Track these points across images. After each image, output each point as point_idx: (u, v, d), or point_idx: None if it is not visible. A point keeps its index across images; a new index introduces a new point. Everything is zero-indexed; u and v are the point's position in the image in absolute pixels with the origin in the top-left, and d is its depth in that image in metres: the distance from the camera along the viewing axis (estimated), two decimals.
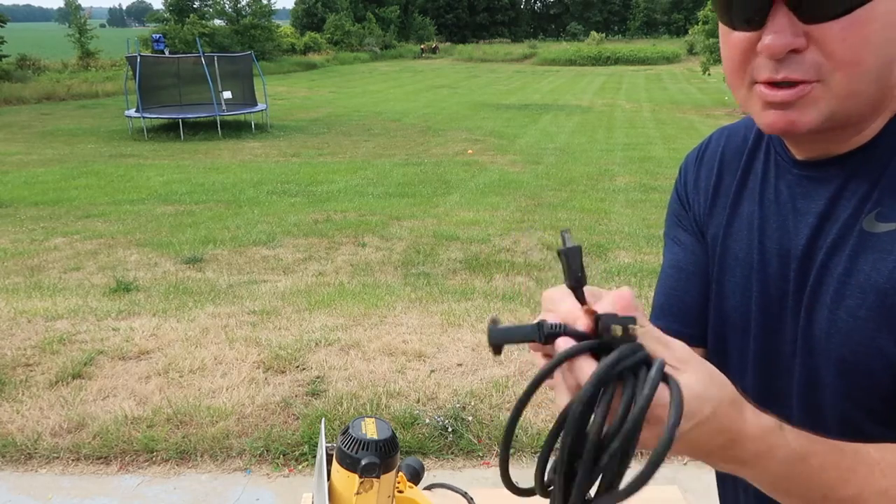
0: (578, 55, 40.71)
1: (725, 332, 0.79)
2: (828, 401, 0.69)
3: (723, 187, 0.81)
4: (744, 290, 0.76)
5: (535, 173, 9.54)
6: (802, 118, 0.62)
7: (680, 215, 0.87)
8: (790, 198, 0.72)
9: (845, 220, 0.67)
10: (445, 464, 2.73)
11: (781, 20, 0.59)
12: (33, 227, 6.70)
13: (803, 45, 0.59)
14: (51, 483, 2.65)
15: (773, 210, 0.74)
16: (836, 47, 0.58)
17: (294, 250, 5.80)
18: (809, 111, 0.61)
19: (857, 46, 0.58)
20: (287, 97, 20.92)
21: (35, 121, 16.49)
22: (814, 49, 0.59)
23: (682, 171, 0.88)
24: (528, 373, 3.35)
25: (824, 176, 0.69)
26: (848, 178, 0.67)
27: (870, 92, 0.61)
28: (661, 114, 17.19)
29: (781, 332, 0.73)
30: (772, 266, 0.73)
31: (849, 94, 0.61)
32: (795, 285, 0.71)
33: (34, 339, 3.79)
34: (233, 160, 11.06)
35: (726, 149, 0.82)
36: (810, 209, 0.70)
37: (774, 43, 0.59)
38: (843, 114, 0.62)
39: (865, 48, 0.58)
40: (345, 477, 0.84)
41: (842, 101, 0.61)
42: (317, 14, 50.04)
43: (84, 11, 35.11)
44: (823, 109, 0.61)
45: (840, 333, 0.65)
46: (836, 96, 0.61)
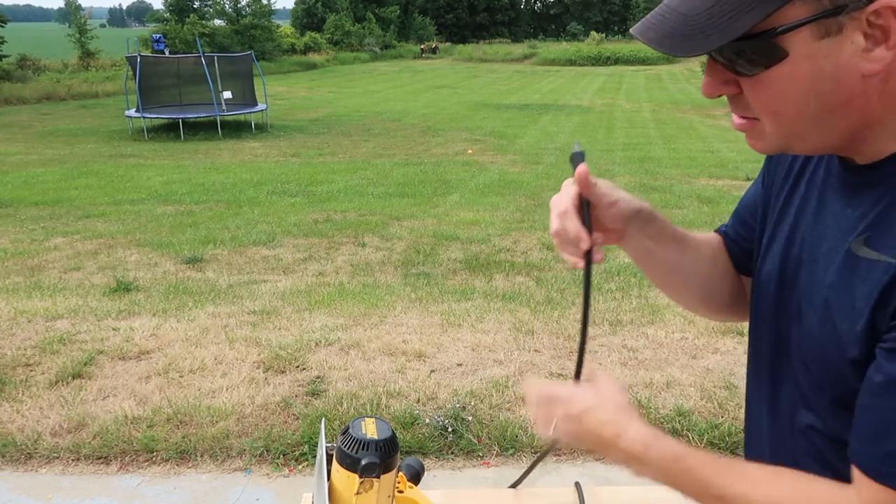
0: (578, 55, 40.68)
1: (761, 303, 0.86)
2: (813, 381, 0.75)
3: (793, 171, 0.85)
4: (769, 278, 0.83)
5: (535, 173, 9.54)
6: (756, 144, 0.71)
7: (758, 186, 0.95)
8: (821, 194, 0.78)
9: (844, 232, 0.71)
10: (445, 464, 2.73)
11: (713, 68, 0.68)
12: (33, 227, 6.70)
13: (733, 91, 0.68)
14: (51, 483, 2.65)
15: (808, 202, 0.79)
16: (753, 99, 0.66)
17: (294, 250, 5.80)
18: (759, 142, 0.70)
19: (769, 100, 0.65)
20: (287, 97, 20.92)
21: (35, 121, 16.48)
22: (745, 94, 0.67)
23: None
24: (527, 373, 3.35)
25: (848, 180, 0.73)
26: (857, 189, 0.70)
27: (814, 132, 0.66)
28: (661, 114, 17.19)
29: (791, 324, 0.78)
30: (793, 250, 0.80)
31: (787, 134, 0.67)
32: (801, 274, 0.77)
33: (34, 338, 3.79)
34: (233, 160, 11.06)
35: None
36: (827, 209, 0.75)
37: (705, 85, 0.69)
38: (799, 147, 0.69)
39: (779, 102, 0.64)
40: (345, 477, 0.85)
41: (784, 139, 0.68)
42: (317, 14, 50.02)
43: (84, 11, 35.10)
44: (770, 142, 0.69)
45: (812, 337, 0.72)
46: (775, 134, 0.68)
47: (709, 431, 2.84)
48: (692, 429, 2.86)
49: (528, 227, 6.51)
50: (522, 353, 3.54)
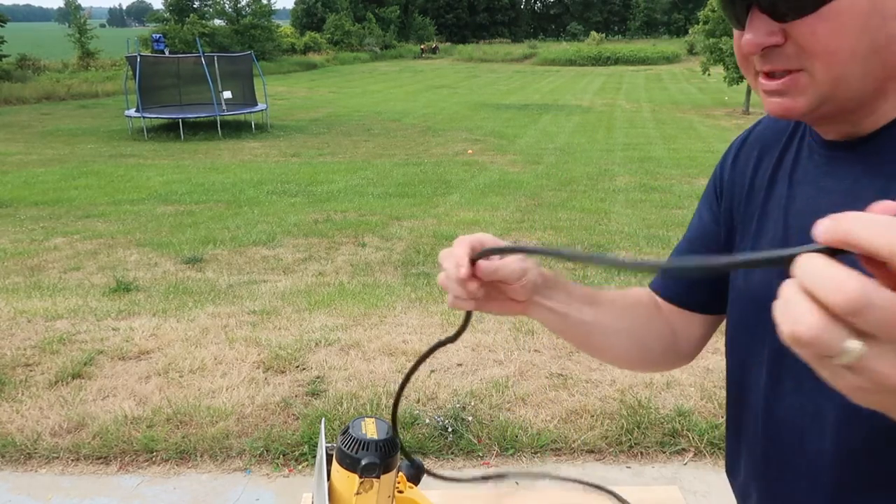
0: (578, 55, 40.71)
1: (749, 306, 0.83)
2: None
3: (761, 170, 0.85)
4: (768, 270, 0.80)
5: (535, 173, 9.54)
6: (795, 104, 0.67)
7: (711, 194, 0.93)
8: (816, 177, 0.76)
9: (869, 199, 0.68)
10: (445, 464, 2.73)
11: (756, 21, 0.65)
12: (33, 227, 6.70)
13: (780, 41, 0.65)
14: (51, 483, 2.65)
15: (801, 189, 0.77)
16: (808, 40, 0.63)
17: (294, 250, 5.80)
18: (799, 98, 0.67)
19: (829, 38, 0.63)
20: (287, 97, 20.92)
21: (35, 121, 16.48)
22: (792, 42, 0.65)
23: (725, 155, 0.93)
24: (527, 373, 3.35)
25: (849, 155, 0.72)
26: (871, 157, 0.70)
27: (859, 77, 0.65)
28: (661, 114, 17.19)
29: None
30: (793, 242, 0.76)
31: (833, 80, 0.65)
32: None
33: (34, 338, 3.79)
34: (233, 160, 11.06)
35: (770, 133, 0.87)
36: (836, 188, 0.72)
37: (749, 41, 0.66)
38: (838, 98, 0.66)
39: (839, 38, 0.63)
40: (345, 477, 0.84)
41: (829, 87, 0.65)
42: (317, 14, 50.03)
43: (84, 11, 35.11)
44: (812, 96, 0.66)
45: None
46: (821, 83, 0.65)
47: (709, 431, 2.84)
48: (692, 429, 2.86)
49: (528, 227, 6.51)
50: (522, 353, 3.54)
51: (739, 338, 0.85)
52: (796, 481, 0.78)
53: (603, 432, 2.85)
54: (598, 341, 0.90)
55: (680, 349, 0.94)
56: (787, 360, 0.78)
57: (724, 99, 20.43)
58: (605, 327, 0.89)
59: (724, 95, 20.65)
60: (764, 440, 0.82)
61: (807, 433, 0.76)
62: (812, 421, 0.75)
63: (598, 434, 2.84)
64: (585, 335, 0.89)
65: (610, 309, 0.89)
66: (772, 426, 0.81)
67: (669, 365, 0.96)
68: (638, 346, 0.91)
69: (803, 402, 0.76)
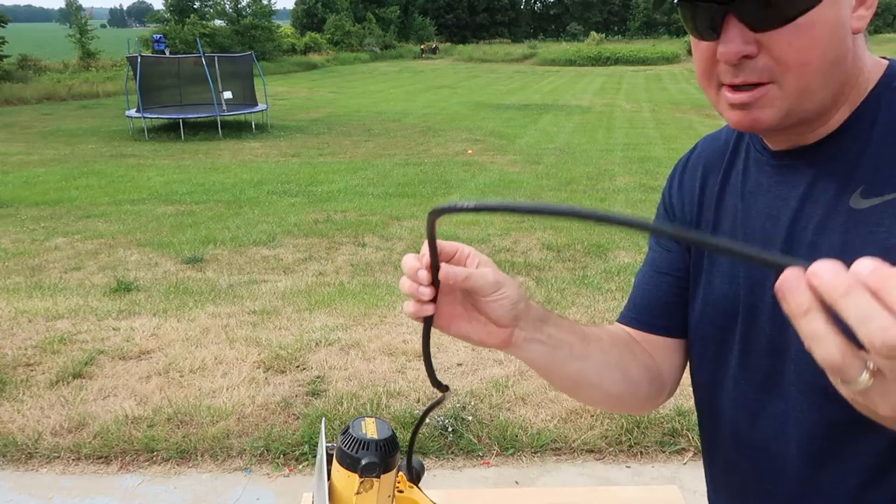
0: (578, 55, 40.68)
1: (716, 319, 0.83)
2: (800, 374, 0.73)
3: (708, 188, 0.86)
4: (731, 278, 0.81)
5: (535, 173, 9.54)
6: (762, 116, 0.68)
7: (664, 219, 0.94)
8: (770, 186, 0.77)
9: (827, 200, 0.71)
10: (445, 464, 2.73)
11: (733, 31, 0.65)
12: (34, 227, 6.71)
13: (754, 52, 0.65)
14: (51, 482, 2.65)
15: (755, 200, 0.79)
16: (783, 51, 0.65)
17: (294, 250, 5.80)
18: (767, 110, 0.68)
19: (803, 49, 0.64)
20: (287, 97, 20.92)
21: (36, 121, 16.49)
22: (765, 54, 0.65)
23: (670, 178, 0.96)
24: (527, 373, 3.35)
25: (800, 163, 0.74)
26: (824, 163, 0.72)
27: (822, 88, 0.67)
28: (660, 114, 17.20)
29: (763, 313, 0.77)
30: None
31: (802, 93, 0.66)
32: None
33: (35, 338, 3.80)
34: (233, 160, 11.06)
35: (710, 152, 0.88)
36: (791, 194, 0.74)
37: (727, 51, 0.66)
38: (802, 109, 0.68)
39: (812, 50, 0.64)
40: (345, 477, 0.85)
41: (796, 99, 0.67)
42: (317, 14, 50.04)
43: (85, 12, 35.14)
44: (780, 108, 0.67)
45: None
46: (790, 95, 0.67)
47: None
48: (692, 428, 2.86)
49: (528, 227, 6.51)
50: None
51: (706, 353, 0.85)
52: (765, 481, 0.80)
53: (603, 432, 2.85)
54: (591, 379, 0.83)
55: (664, 379, 0.91)
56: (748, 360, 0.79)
57: None
58: (597, 363, 0.83)
59: None
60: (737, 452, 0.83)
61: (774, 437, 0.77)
62: (779, 423, 0.77)
63: (597, 434, 2.85)
64: (578, 373, 0.82)
65: (597, 344, 0.84)
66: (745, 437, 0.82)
67: (655, 398, 0.91)
68: (627, 381, 0.86)
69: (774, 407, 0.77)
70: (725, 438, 0.85)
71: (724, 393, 0.83)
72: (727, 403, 0.83)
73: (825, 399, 0.70)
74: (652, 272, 0.93)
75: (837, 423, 0.71)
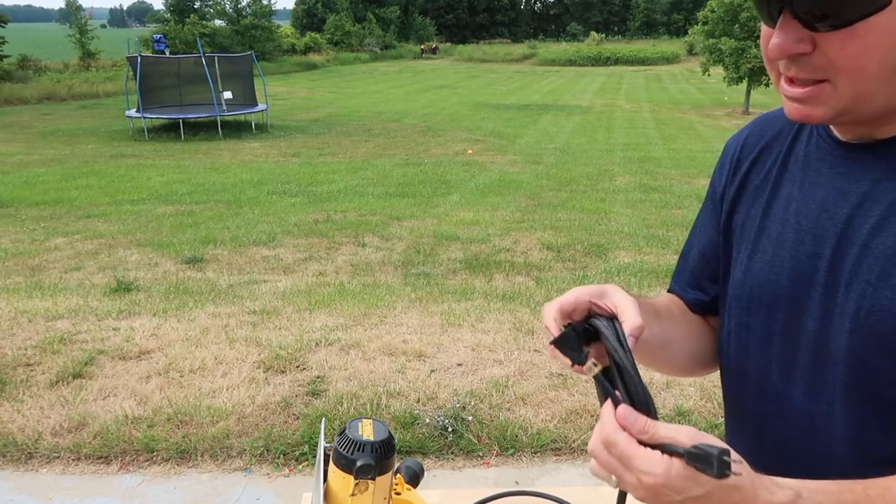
0: (578, 55, 40.71)
1: (750, 306, 0.81)
2: (844, 374, 0.70)
3: (765, 171, 0.83)
4: (772, 267, 0.78)
5: (535, 173, 9.54)
6: (814, 112, 0.67)
7: (712, 199, 0.92)
8: (831, 177, 0.74)
9: (890, 201, 0.68)
10: (445, 464, 2.73)
11: (787, 25, 0.63)
12: (34, 227, 6.71)
13: (808, 50, 0.63)
14: (51, 483, 2.65)
15: (813, 191, 0.76)
16: (837, 55, 0.62)
17: (294, 250, 5.80)
18: (818, 108, 0.66)
19: (858, 55, 0.62)
20: (287, 97, 20.92)
21: (36, 121, 16.49)
22: (819, 53, 0.63)
23: (723, 156, 0.92)
24: (527, 373, 3.35)
25: (868, 158, 0.71)
26: (892, 161, 0.69)
27: (883, 93, 0.64)
28: (660, 114, 17.19)
29: (808, 309, 0.74)
30: (806, 244, 0.75)
31: (857, 96, 0.64)
32: (829, 263, 0.72)
33: (35, 338, 3.80)
34: (233, 160, 11.07)
35: (769, 133, 0.85)
36: (852, 189, 0.71)
37: (776, 45, 0.64)
38: (858, 111, 0.65)
39: (867, 56, 0.61)
40: (341, 478, 0.84)
41: (852, 101, 0.64)
42: (317, 14, 50.05)
43: (85, 12, 35.15)
44: (833, 107, 0.65)
45: (882, 311, 0.66)
46: (844, 97, 0.64)
47: (709, 431, 2.84)
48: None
49: (528, 227, 6.51)
50: (522, 353, 3.54)
51: (741, 338, 0.83)
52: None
53: None
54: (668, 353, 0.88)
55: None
56: (781, 353, 0.77)
57: (723, 99, 20.42)
58: (671, 337, 0.87)
59: (724, 95, 20.65)
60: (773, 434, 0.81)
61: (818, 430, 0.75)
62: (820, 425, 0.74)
63: None
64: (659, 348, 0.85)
65: (669, 318, 0.88)
66: (762, 422, 0.80)
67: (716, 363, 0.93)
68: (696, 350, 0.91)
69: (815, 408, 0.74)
70: (748, 430, 0.84)
71: (755, 383, 0.81)
72: (757, 394, 0.81)
73: (857, 401, 0.69)
74: (699, 258, 0.94)
75: (866, 426, 0.69)
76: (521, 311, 4.20)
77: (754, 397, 0.82)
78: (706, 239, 0.92)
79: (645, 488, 0.59)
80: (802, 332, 0.74)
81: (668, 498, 0.58)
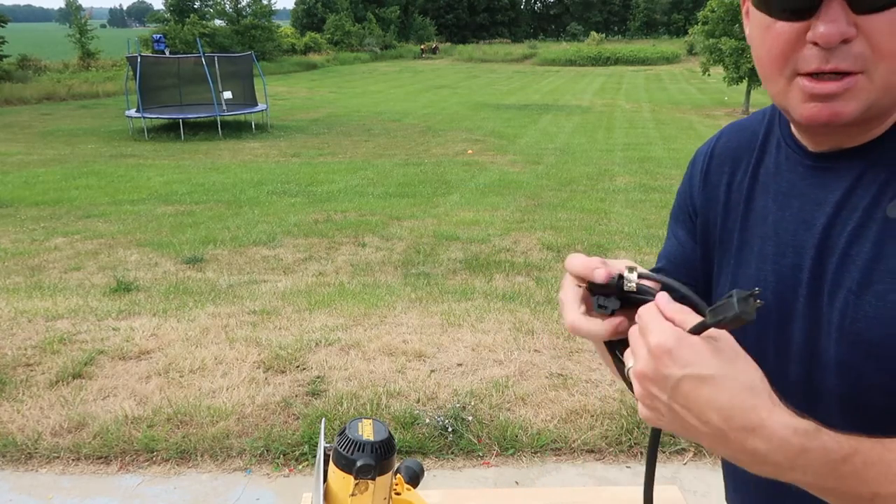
0: (578, 55, 40.72)
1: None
2: (836, 384, 0.70)
3: (735, 183, 0.82)
4: (756, 282, 0.77)
5: (535, 173, 9.54)
6: (845, 109, 0.63)
7: (683, 211, 0.90)
8: (805, 189, 0.73)
9: (865, 208, 0.67)
10: (445, 464, 2.73)
11: (836, 9, 0.60)
12: (34, 227, 6.71)
13: (854, 35, 0.61)
14: (51, 483, 2.65)
15: (788, 203, 0.75)
16: (882, 38, 0.60)
17: (294, 250, 5.80)
18: (851, 102, 0.63)
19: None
20: (287, 97, 20.92)
21: (36, 121, 16.49)
22: (861, 40, 0.61)
23: (691, 167, 0.90)
24: (527, 373, 3.35)
25: (839, 166, 0.70)
26: (865, 168, 0.68)
27: None
28: (660, 114, 17.19)
29: (796, 320, 0.73)
30: (787, 256, 0.74)
31: (887, 86, 0.63)
32: (811, 273, 0.72)
33: (35, 338, 3.79)
34: (233, 160, 11.07)
35: (737, 144, 0.84)
36: (827, 199, 0.71)
37: (830, 31, 0.60)
38: (882, 105, 0.64)
39: None
40: (340, 478, 0.84)
41: (883, 92, 0.63)
42: (317, 14, 50.05)
43: (85, 12, 35.16)
44: (864, 101, 0.63)
45: (867, 318, 0.66)
46: (878, 88, 0.63)
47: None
48: None
49: (528, 227, 6.51)
50: (522, 353, 3.54)
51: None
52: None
53: (603, 432, 2.85)
54: None
55: None
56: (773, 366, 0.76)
57: (723, 99, 20.42)
58: None
59: (724, 95, 20.65)
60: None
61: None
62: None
63: (598, 434, 2.85)
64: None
65: None
66: None
67: None
68: None
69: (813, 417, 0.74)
70: None
71: None
72: None
73: (851, 410, 0.69)
74: (669, 267, 0.91)
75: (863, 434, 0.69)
76: (521, 311, 4.20)
77: None
78: (679, 251, 0.89)
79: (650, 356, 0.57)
80: (793, 343, 0.74)
81: (669, 371, 0.56)
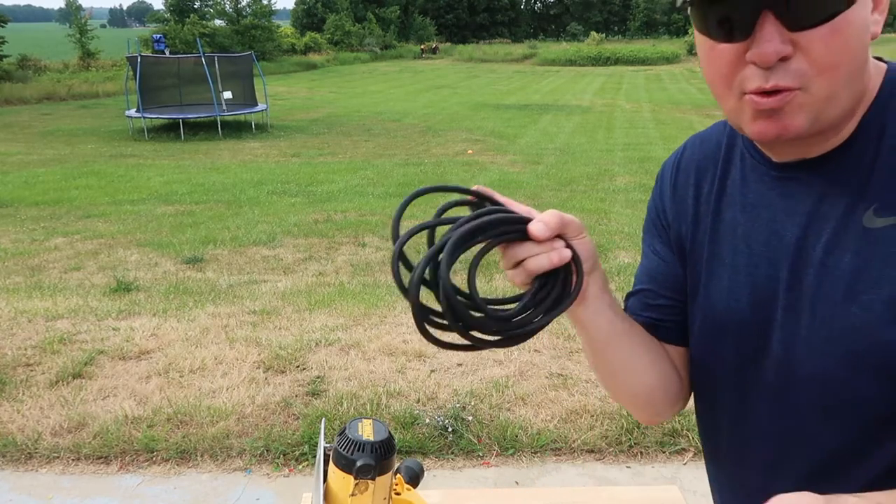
0: (578, 55, 40.68)
1: (714, 334, 0.80)
2: (822, 396, 0.70)
3: (703, 196, 0.82)
4: (730, 294, 0.77)
5: (535, 173, 9.54)
6: (793, 123, 0.64)
7: (656, 224, 0.89)
8: (773, 199, 0.73)
9: (839, 217, 0.68)
10: (445, 464, 2.73)
11: (770, 29, 0.61)
12: (34, 227, 6.71)
13: (790, 53, 0.61)
14: (51, 483, 2.65)
15: (757, 214, 0.75)
16: (819, 53, 0.61)
17: (294, 250, 5.80)
18: (797, 116, 0.64)
19: (837, 51, 0.61)
20: (287, 97, 20.92)
21: (36, 121, 16.49)
22: (799, 56, 0.62)
23: (660, 180, 0.89)
24: (527, 373, 3.35)
25: (806, 177, 0.70)
26: (830, 178, 0.69)
27: (848, 94, 0.64)
28: (660, 114, 17.19)
29: (773, 331, 0.73)
30: (760, 267, 0.74)
31: (829, 98, 0.63)
32: (788, 284, 0.71)
33: (35, 338, 3.79)
34: (233, 160, 11.07)
35: (701, 155, 0.84)
36: (796, 209, 0.71)
37: (766, 51, 0.61)
38: (828, 116, 0.65)
39: (844, 53, 0.62)
40: (340, 478, 0.84)
41: (824, 104, 0.63)
42: (317, 14, 50.05)
43: (85, 12, 35.16)
44: (810, 113, 0.64)
45: (854, 329, 0.66)
46: (819, 101, 0.63)
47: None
48: (692, 428, 2.86)
49: None
50: (522, 353, 3.54)
51: (710, 368, 0.82)
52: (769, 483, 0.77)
53: (603, 432, 2.85)
54: (636, 365, 0.83)
55: (684, 384, 0.89)
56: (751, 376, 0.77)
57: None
58: (642, 354, 0.83)
59: None
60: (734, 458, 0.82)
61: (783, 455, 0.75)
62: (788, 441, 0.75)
63: (597, 434, 2.85)
64: (627, 356, 0.82)
65: (640, 334, 0.84)
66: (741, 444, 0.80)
67: (682, 402, 0.89)
68: (661, 373, 0.86)
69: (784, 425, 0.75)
70: (728, 454, 0.83)
71: (729, 408, 0.80)
72: (732, 419, 0.80)
73: (835, 420, 0.69)
74: (650, 282, 0.89)
75: (846, 443, 0.69)
76: None
77: (731, 423, 0.81)
78: (661, 267, 0.88)
79: None
80: (770, 355, 0.74)
81: None
